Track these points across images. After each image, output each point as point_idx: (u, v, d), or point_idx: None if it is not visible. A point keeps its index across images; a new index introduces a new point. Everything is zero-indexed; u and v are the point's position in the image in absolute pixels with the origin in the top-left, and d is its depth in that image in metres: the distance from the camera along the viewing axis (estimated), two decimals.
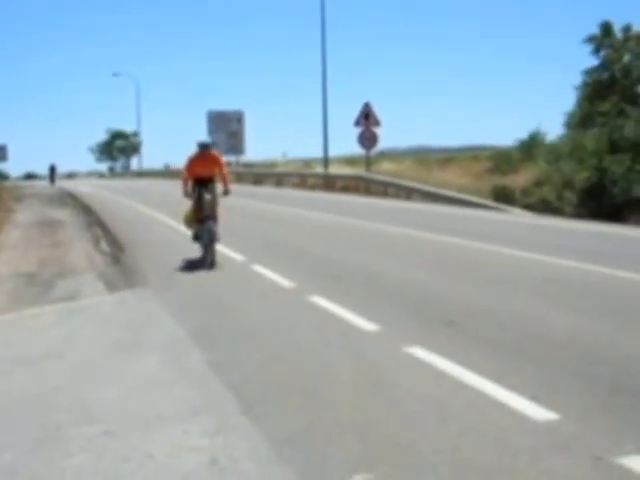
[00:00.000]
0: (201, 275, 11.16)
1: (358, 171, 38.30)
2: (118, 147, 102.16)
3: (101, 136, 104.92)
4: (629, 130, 26.35)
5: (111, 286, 10.70)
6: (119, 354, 6.86)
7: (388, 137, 62.84)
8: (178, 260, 12.63)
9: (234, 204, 27.04)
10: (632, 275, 10.16)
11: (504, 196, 27.49)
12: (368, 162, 36.50)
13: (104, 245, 15.73)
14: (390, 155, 56.86)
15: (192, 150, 12.92)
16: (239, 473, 4.15)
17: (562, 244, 14.47)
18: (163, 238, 16.46)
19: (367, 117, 35.24)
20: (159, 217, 21.53)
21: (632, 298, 8.96)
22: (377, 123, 35.62)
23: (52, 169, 60.97)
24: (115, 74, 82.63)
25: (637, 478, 3.92)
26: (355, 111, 35.71)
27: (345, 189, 34.99)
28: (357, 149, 36.97)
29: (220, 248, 12.86)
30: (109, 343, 7.30)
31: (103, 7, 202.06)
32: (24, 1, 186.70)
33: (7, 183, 50.90)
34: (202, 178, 12.49)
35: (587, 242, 15.14)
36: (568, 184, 26.26)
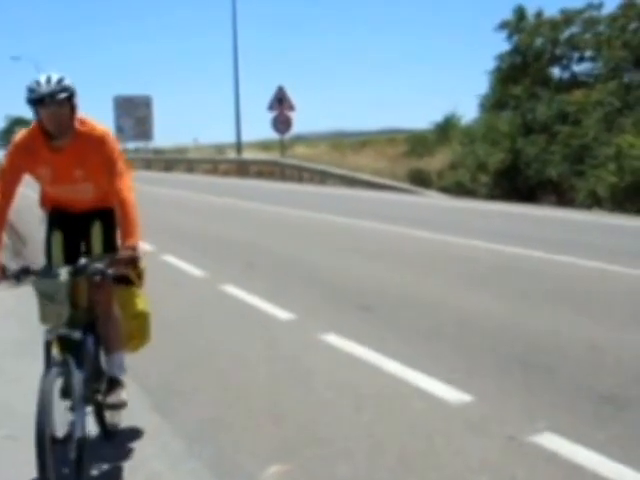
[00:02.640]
0: None
1: (273, 156, 38.25)
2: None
3: (0, 123, 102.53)
4: (541, 112, 27.03)
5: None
6: (19, 355, 6.72)
7: (304, 121, 63.21)
8: None
9: (143, 191, 26.75)
10: (539, 254, 10.46)
11: (420, 179, 27.91)
12: (282, 147, 36.52)
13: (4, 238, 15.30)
14: (306, 140, 56.92)
15: None
16: (150, 472, 4.13)
17: (475, 226, 14.76)
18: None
19: (281, 101, 35.23)
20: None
21: (538, 276, 9.22)
22: (291, 107, 35.65)
23: None
24: (14, 58, 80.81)
25: (548, 454, 4.05)
26: (269, 95, 35.69)
27: (259, 174, 34.95)
28: (272, 134, 36.98)
29: None
30: (10, 342, 7.14)
31: None
32: None
33: None
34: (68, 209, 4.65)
35: (499, 223, 15.54)
36: (482, 166, 26.85)
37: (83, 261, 4.03)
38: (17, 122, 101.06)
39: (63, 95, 3.96)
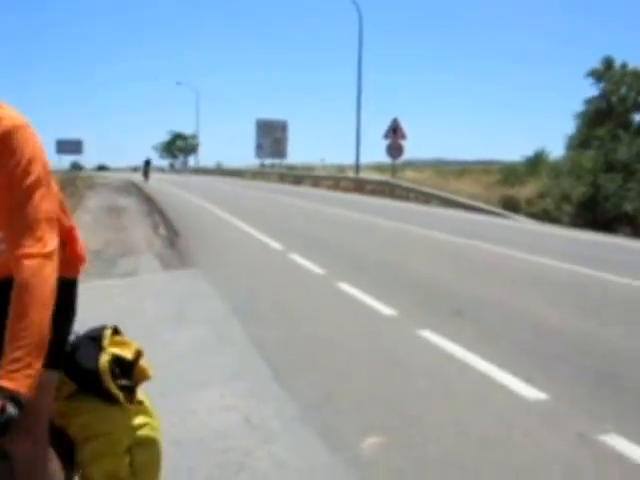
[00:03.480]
0: (246, 260, 11.20)
1: (385, 177, 38.22)
2: (178, 147, 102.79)
3: (164, 136, 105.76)
4: (621, 153, 26.28)
5: (166, 265, 10.76)
6: (170, 324, 6.89)
7: (411, 149, 63.07)
8: (226, 246, 12.68)
9: (277, 200, 27.25)
10: (613, 277, 10.07)
11: (511, 205, 27.44)
12: (394, 170, 36.46)
13: (162, 230, 15.82)
14: (413, 165, 56.70)
15: (242, 151, 12.32)
16: (268, 430, 4.16)
17: (556, 248, 14.34)
18: (214, 227, 16.53)
19: (395, 131, 35.16)
20: (210, 208, 21.64)
21: (611, 296, 8.91)
22: (403, 136, 35.54)
23: (147, 163, 49.08)
24: (178, 83, 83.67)
25: (613, 453, 3.87)
26: (384, 124, 35.83)
27: (373, 192, 34.89)
28: (385, 158, 37.02)
29: (262, 238, 12.90)
30: (162, 314, 7.34)
31: (171, 25, 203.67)
32: (103, 15, 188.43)
33: (81, 173, 51.35)
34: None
35: (578, 248, 15.06)
36: (566, 197, 26.27)
37: None
38: (177, 137, 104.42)
39: None
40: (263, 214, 20.77)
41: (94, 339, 2.35)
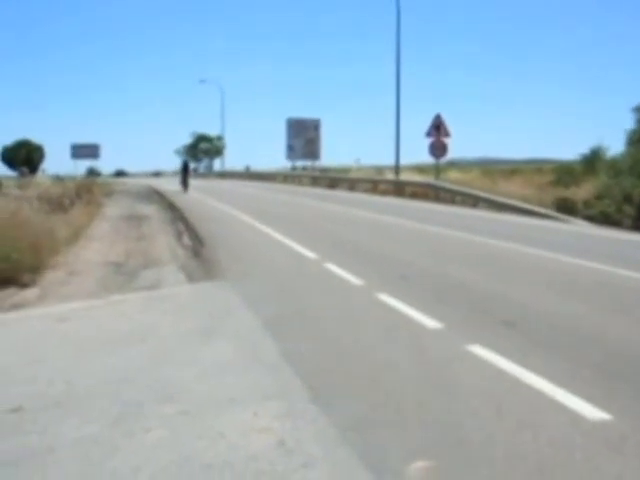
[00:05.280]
0: (276, 270, 11.25)
1: (428, 179, 38.12)
2: (202, 149, 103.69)
3: (187, 139, 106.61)
4: None
5: (191, 277, 10.86)
6: (197, 339, 6.96)
7: (456, 148, 62.92)
8: (255, 256, 12.75)
9: (310, 206, 27.31)
10: None
11: (566, 207, 27.14)
12: (437, 171, 36.35)
13: (186, 239, 15.96)
14: (457, 165, 56.56)
15: (273, 153, 12.23)
16: (305, 454, 4.18)
17: (619, 254, 14.20)
18: (242, 235, 16.63)
19: (438, 128, 35.10)
20: (238, 215, 21.76)
21: None
22: (447, 134, 35.44)
23: (185, 168, 40.63)
24: (201, 81, 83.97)
25: None
26: (425, 122, 35.68)
27: (414, 195, 34.80)
28: (427, 158, 36.88)
29: (295, 246, 12.95)
30: (188, 329, 7.42)
31: (193, 18, 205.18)
32: (120, 16, 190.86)
33: (99, 179, 51.96)
34: None
35: None
36: (628, 198, 25.92)
37: None
38: (201, 139, 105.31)
39: None
40: (295, 221, 20.84)
41: None
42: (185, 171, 39.77)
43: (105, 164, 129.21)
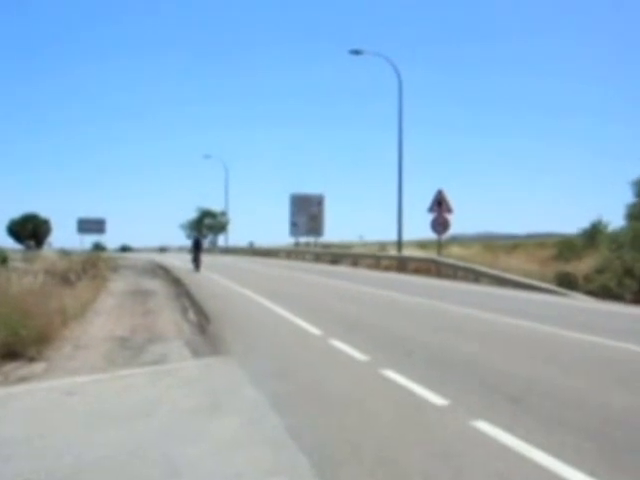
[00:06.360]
0: (282, 347, 11.27)
1: (430, 254, 38.28)
2: (207, 225, 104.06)
3: (191, 214, 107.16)
4: None
5: (197, 352, 10.88)
6: (203, 415, 6.97)
7: (457, 223, 63.06)
8: (260, 332, 12.79)
9: (313, 281, 27.40)
10: None
11: (567, 282, 27.18)
12: (439, 246, 36.51)
13: (191, 315, 16.01)
14: (459, 240, 56.82)
15: (276, 230, 12.37)
16: None
17: (620, 328, 14.21)
18: (247, 311, 16.66)
19: (440, 204, 35.39)
20: (243, 291, 21.83)
21: None
22: (449, 210, 35.71)
23: (197, 244, 37.24)
24: (206, 156, 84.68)
25: None
26: (427, 197, 35.99)
27: (417, 271, 34.92)
28: (429, 233, 37.07)
29: (299, 322, 12.99)
30: (194, 405, 7.42)
31: (197, 98, 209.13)
32: (125, 91, 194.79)
33: (104, 254, 52.17)
34: None
35: None
36: (629, 272, 25.98)
37: None
38: (206, 214, 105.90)
39: None
40: (299, 296, 20.89)
41: None
42: (197, 248, 36.38)
43: (110, 239, 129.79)
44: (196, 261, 35.37)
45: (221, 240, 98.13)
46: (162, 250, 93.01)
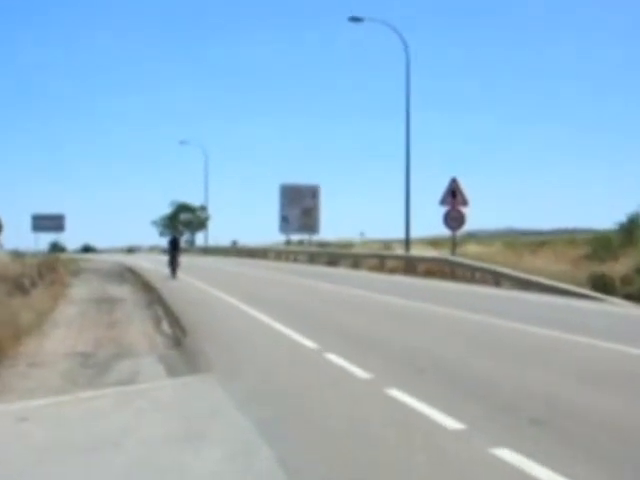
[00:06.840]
0: (270, 363, 11.23)
1: (443, 253, 38.19)
2: (183, 221, 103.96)
3: (165, 209, 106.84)
4: None
5: (172, 370, 10.82)
6: (180, 446, 6.90)
7: (474, 217, 62.55)
8: (245, 346, 12.74)
9: (307, 286, 27.36)
10: None
11: (602, 284, 27.12)
12: (454, 244, 36.33)
13: (165, 326, 15.95)
14: (476, 237, 56.79)
15: (264, 226, 12.20)
16: None
17: None
18: (229, 321, 16.62)
19: (454, 195, 35.12)
20: (224, 297, 21.79)
21: None
22: (465, 202, 35.49)
23: (174, 243, 35.95)
24: (182, 142, 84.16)
25: None
26: (439, 188, 35.76)
27: (428, 273, 34.78)
28: (442, 229, 36.88)
29: (291, 334, 12.95)
30: (169, 433, 7.36)
31: (171, 77, 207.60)
32: (85, 68, 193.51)
33: (63, 256, 52.06)
34: None
35: None
36: None
37: None
38: (182, 208, 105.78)
39: None
40: (291, 304, 20.86)
41: None
42: (174, 248, 34.74)
43: (70, 238, 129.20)
44: (173, 265, 33.62)
45: (200, 238, 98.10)
46: (130, 251, 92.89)
